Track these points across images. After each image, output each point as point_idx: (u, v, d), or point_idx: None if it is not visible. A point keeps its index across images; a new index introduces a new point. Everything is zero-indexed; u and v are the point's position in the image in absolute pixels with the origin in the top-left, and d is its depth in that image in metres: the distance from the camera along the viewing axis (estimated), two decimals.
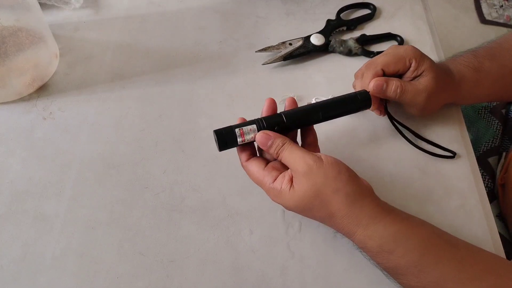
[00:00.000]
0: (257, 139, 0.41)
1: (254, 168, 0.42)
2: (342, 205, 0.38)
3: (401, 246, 0.37)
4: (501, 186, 0.63)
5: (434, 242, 0.38)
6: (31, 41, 0.53)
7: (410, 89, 0.48)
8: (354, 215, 0.39)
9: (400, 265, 0.38)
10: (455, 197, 0.48)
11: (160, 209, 0.47)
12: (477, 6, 1.77)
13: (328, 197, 0.38)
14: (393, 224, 0.38)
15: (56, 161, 0.50)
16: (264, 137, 0.40)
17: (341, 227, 0.40)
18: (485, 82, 0.52)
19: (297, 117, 0.43)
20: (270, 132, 0.41)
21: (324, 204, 0.39)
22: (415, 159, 0.51)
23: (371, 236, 0.38)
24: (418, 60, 0.48)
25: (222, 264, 0.44)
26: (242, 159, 0.43)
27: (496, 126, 0.69)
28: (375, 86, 0.47)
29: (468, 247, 0.40)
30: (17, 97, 0.55)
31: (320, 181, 0.38)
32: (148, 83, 0.57)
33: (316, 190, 0.38)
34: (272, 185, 0.40)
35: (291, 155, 0.39)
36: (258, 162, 0.42)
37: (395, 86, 0.47)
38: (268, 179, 0.41)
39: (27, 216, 0.46)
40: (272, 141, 0.40)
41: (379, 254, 0.39)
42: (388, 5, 0.66)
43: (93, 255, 0.44)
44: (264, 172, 0.41)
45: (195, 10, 0.65)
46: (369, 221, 0.38)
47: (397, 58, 0.49)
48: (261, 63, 0.58)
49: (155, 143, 0.52)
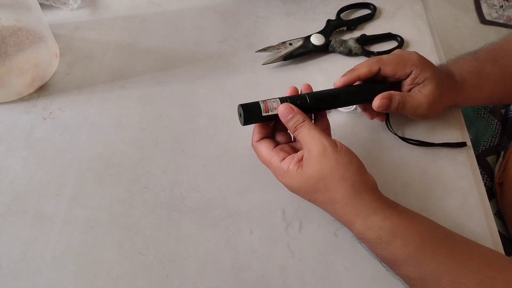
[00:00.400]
0: (279, 110, 0.42)
1: (263, 148, 0.43)
2: (346, 193, 0.39)
3: (399, 238, 0.38)
4: (499, 184, 0.63)
5: (432, 236, 0.39)
6: (31, 41, 0.53)
7: (410, 101, 0.48)
8: (355, 205, 0.39)
9: (398, 256, 0.38)
10: (455, 196, 0.48)
11: (160, 209, 0.47)
12: (477, 6, 1.77)
13: (334, 182, 0.39)
14: (392, 217, 0.39)
15: (56, 161, 0.50)
16: (287, 108, 0.42)
17: (341, 215, 0.40)
18: (487, 84, 0.52)
19: (320, 98, 0.45)
20: (293, 106, 0.42)
21: (328, 189, 0.40)
22: (415, 157, 0.51)
23: (370, 227, 0.39)
24: (420, 68, 0.48)
25: (222, 264, 0.44)
26: (254, 138, 0.44)
27: (496, 126, 0.69)
28: (380, 106, 0.47)
29: (466, 242, 0.40)
30: (17, 97, 0.55)
31: (331, 165, 0.39)
32: (148, 83, 0.57)
33: (325, 173, 0.39)
34: (280, 164, 0.41)
35: (309, 133, 0.41)
36: (268, 143, 0.44)
37: (397, 101, 0.47)
38: (275, 158, 0.42)
39: (27, 216, 0.46)
40: (293, 114, 0.41)
41: (378, 245, 0.39)
42: (388, 5, 0.66)
43: (93, 255, 0.44)
44: (272, 152, 0.43)
45: (195, 10, 0.65)
46: (369, 212, 0.39)
47: (398, 60, 0.48)
48: (261, 63, 0.58)
49: (155, 143, 0.52)
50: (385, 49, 0.60)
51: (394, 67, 0.48)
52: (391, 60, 0.49)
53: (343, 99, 0.47)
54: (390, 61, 0.49)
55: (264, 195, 0.48)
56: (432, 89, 0.48)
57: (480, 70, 0.51)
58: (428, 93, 0.48)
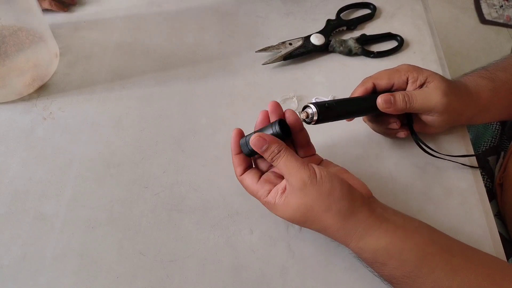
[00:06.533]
0: (251, 142, 0.40)
1: (248, 182, 0.42)
2: (333, 221, 0.39)
3: (394, 259, 0.38)
4: (499, 185, 0.63)
5: (429, 250, 0.38)
6: (31, 40, 0.53)
7: (417, 94, 0.46)
8: (347, 229, 0.39)
9: (395, 275, 0.38)
10: (455, 197, 0.48)
11: (160, 208, 0.47)
12: (477, 6, 1.78)
13: (320, 214, 0.38)
14: (386, 236, 0.38)
15: (56, 161, 0.50)
16: (259, 140, 0.39)
17: (336, 238, 0.40)
18: (502, 90, 0.50)
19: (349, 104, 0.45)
20: (266, 136, 0.39)
21: (316, 220, 0.39)
22: (415, 158, 0.51)
23: (363, 249, 0.39)
24: (416, 71, 0.47)
25: (222, 264, 0.44)
26: (236, 172, 0.44)
27: (495, 126, 0.69)
28: (384, 102, 0.46)
29: (465, 251, 0.39)
30: (17, 97, 0.55)
31: (312, 199, 0.38)
32: (148, 83, 0.57)
33: (308, 207, 0.38)
34: (266, 199, 0.41)
35: (286, 165, 0.39)
36: (251, 175, 0.42)
37: (402, 96, 0.46)
38: (262, 193, 0.41)
39: (27, 216, 0.46)
40: (267, 146, 0.39)
41: (373, 265, 0.39)
42: (388, 5, 0.66)
43: (93, 254, 0.44)
44: (257, 186, 0.41)
45: (195, 10, 0.65)
46: (362, 233, 0.38)
47: (390, 71, 0.48)
48: (261, 63, 0.58)
49: (155, 143, 0.52)
50: (385, 49, 0.60)
51: (388, 78, 0.47)
52: (382, 73, 0.48)
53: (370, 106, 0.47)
54: (382, 75, 0.48)
55: None
56: (439, 81, 0.46)
57: (492, 77, 0.50)
58: (435, 85, 0.46)
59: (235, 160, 0.43)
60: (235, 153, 0.43)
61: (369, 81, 0.48)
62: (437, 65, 0.59)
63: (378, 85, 0.48)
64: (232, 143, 0.43)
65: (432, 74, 0.47)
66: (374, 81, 0.48)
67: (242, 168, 0.43)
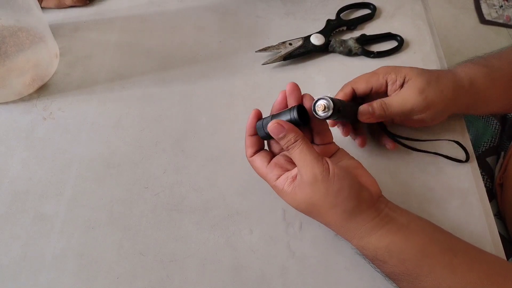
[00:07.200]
0: (269, 128, 0.40)
1: (258, 164, 0.43)
2: (338, 219, 0.39)
3: (394, 257, 0.38)
4: (499, 185, 0.63)
5: (430, 250, 0.38)
6: (31, 41, 0.53)
7: (393, 100, 0.46)
8: (349, 228, 0.39)
9: (395, 273, 0.38)
10: (455, 197, 0.48)
11: (160, 209, 0.47)
12: (477, 6, 1.77)
13: (325, 210, 0.39)
14: (387, 236, 0.38)
15: (56, 161, 0.50)
16: (276, 127, 0.39)
17: (338, 234, 0.41)
18: (497, 76, 0.48)
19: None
20: (285, 124, 0.39)
21: (321, 214, 0.40)
22: (415, 158, 0.51)
23: (365, 247, 0.39)
24: (394, 71, 0.47)
25: (222, 264, 0.44)
26: (247, 153, 0.44)
27: (495, 126, 0.69)
28: (362, 113, 0.46)
29: (467, 251, 0.39)
30: (17, 97, 0.55)
31: (320, 194, 0.38)
32: (148, 83, 0.57)
33: (315, 201, 0.39)
34: (276, 183, 0.41)
35: (300, 156, 0.39)
36: (262, 157, 0.43)
37: (378, 104, 0.46)
38: (271, 177, 0.41)
39: (27, 216, 0.46)
40: (284, 133, 0.39)
41: (374, 262, 0.40)
42: (388, 5, 0.66)
43: (93, 255, 0.44)
44: (266, 170, 0.42)
45: (195, 10, 0.65)
46: (363, 234, 0.39)
47: (368, 75, 0.48)
48: (261, 63, 0.58)
49: (155, 143, 0.52)
50: (385, 49, 0.60)
51: (366, 82, 0.47)
52: (360, 78, 0.48)
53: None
54: (360, 79, 0.48)
55: (264, 195, 0.48)
56: (416, 77, 0.46)
57: (487, 63, 0.49)
58: (411, 84, 0.46)
59: (248, 141, 0.43)
60: (250, 134, 0.43)
61: (348, 86, 0.48)
62: (437, 65, 0.59)
63: (357, 89, 0.48)
64: (248, 123, 0.43)
65: (409, 72, 0.46)
66: (353, 85, 0.48)
67: (254, 150, 0.43)
